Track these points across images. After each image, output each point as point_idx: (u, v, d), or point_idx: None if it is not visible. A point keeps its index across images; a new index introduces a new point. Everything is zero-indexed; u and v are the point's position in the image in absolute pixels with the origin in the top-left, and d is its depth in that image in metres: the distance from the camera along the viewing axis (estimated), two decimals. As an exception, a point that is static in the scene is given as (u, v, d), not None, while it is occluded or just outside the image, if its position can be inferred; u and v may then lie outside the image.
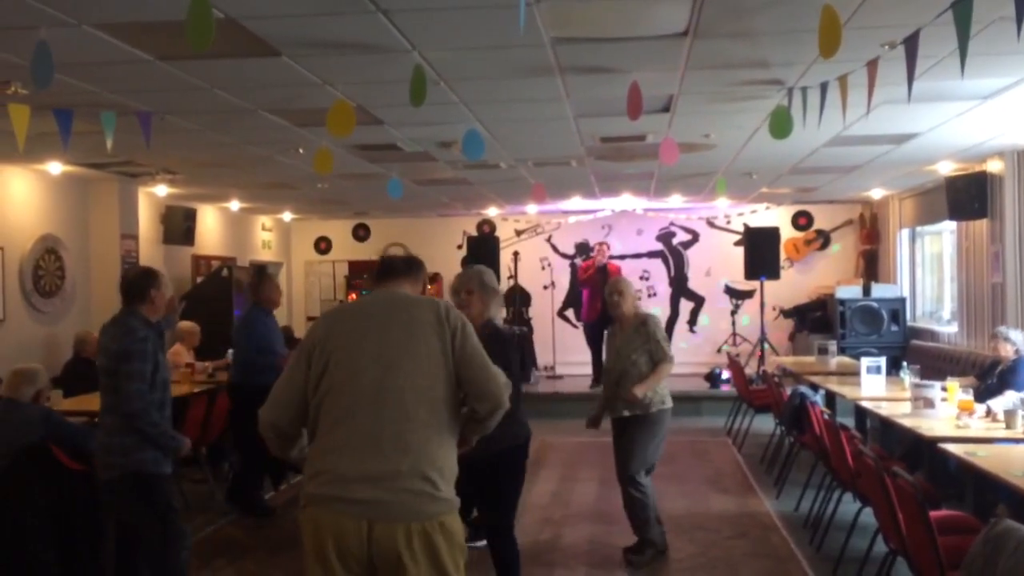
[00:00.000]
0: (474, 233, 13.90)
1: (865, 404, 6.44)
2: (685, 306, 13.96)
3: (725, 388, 11.40)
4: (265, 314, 6.98)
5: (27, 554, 4.52)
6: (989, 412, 5.42)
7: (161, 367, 4.26)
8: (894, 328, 11.19)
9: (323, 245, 14.98)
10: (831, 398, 7.94)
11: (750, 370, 11.29)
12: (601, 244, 12.02)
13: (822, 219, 13.72)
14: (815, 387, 7.65)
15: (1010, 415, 5.11)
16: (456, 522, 2.78)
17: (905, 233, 11.99)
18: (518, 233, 14.23)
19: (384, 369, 2.76)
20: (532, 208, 13.39)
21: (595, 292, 11.57)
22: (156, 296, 4.30)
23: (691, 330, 13.84)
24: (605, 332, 6.00)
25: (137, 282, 4.30)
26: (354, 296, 14.09)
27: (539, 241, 14.24)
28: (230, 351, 9.20)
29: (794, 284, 13.38)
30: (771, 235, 12.28)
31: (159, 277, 4.37)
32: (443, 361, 2.79)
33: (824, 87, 5.15)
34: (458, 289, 4.32)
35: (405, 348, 2.78)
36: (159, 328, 4.40)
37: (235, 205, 12.07)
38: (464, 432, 2.93)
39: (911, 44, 4.05)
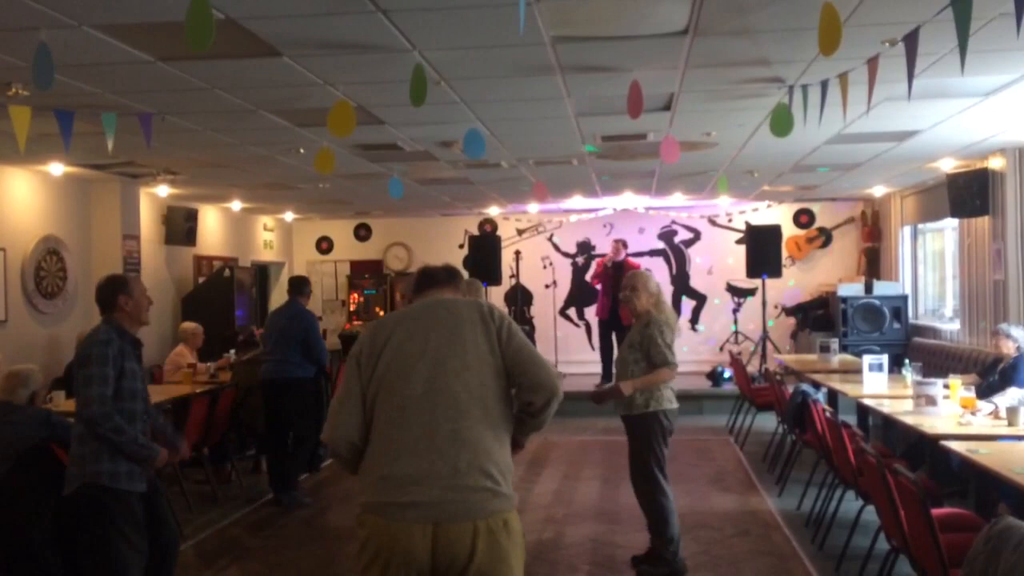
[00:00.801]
0: (476, 232, 13.90)
1: (867, 402, 6.44)
2: (687, 304, 13.96)
3: (727, 386, 11.40)
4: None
5: (30, 555, 4.53)
6: (996, 409, 5.40)
7: (128, 376, 3.95)
8: (896, 326, 11.18)
9: (324, 245, 14.98)
10: (833, 396, 7.93)
11: (752, 368, 11.29)
12: (617, 242, 11.96)
13: (824, 217, 13.72)
14: (817, 385, 7.65)
15: (1012, 412, 5.10)
16: (518, 521, 2.75)
17: (907, 230, 11.98)
18: (520, 232, 14.23)
19: (433, 369, 2.76)
20: (533, 207, 13.39)
21: (607, 290, 11.58)
22: (126, 302, 4.06)
23: (693, 328, 13.84)
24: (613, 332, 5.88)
25: (104, 291, 4.10)
26: (356, 295, 14.11)
27: (541, 240, 14.24)
28: (232, 351, 9.25)
29: (796, 282, 13.38)
30: (773, 233, 12.28)
31: (128, 283, 4.14)
32: (491, 358, 2.79)
33: (825, 85, 5.15)
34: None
35: (452, 348, 2.79)
36: (131, 337, 4.09)
37: (236, 205, 12.08)
38: (519, 430, 2.90)
39: (911, 41, 4.05)
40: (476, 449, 2.68)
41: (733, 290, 13.77)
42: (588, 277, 12.30)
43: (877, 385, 6.78)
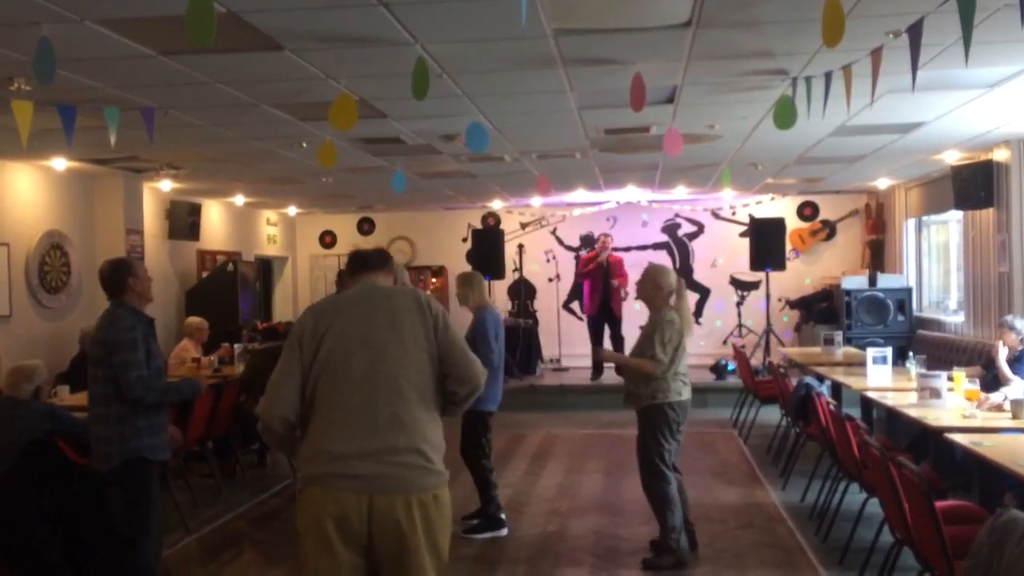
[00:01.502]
0: (479, 226, 13.89)
1: (871, 394, 6.42)
2: (691, 298, 13.89)
3: (731, 380, 11.39)
4: None
5: (35, 548, 4.54)
6: (1006, 399, 5.37)
7: (153, 355, 4.28)
8: (900, 318, 11.17)
9: (328, 239, 14.98)
10: (837, 389, 7.92)
11: (756, 361, 11.28)
12: (605, 236, 11.97)
13: (828, 209, 13.69)
14: (821, 378, 7.64)
15: (1017, 405, 5.08)
16: (448, 496, 2.93)
17: (911, 223, 11.95)
18: (523, 226, 14.22)
19: (374, 354, 2.90)
20: (537, 201, 13.38)
21: (595, 286, 11.57)
22: (135, 283, 4.31)
23: (697, 322, 13.82)
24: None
25: (112, 276, 4.34)
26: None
27: (544, 234, 14.22)
28: (237, 345, 9.26)
29: (800, 275, 13.36)
30: (777, 226, 12.26)
31: (132, 264, 4.44)
32: (427, 345, 2.95)
33: (828, 77, 5.13)
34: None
35: (391, 335, 2.93)
36: (146, 317, 4.38)
37: (240, 200, 12.08)
38: (440, 414, 3.05)
39: (915, 32, 4.03)
40: (413, 430, 2.86)
41: (737, 283, 13.75)
42: (575, 274, 12.26)
43: (881, 378, 6.77)
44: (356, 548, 2.80)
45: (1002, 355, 6.36)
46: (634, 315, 11.59)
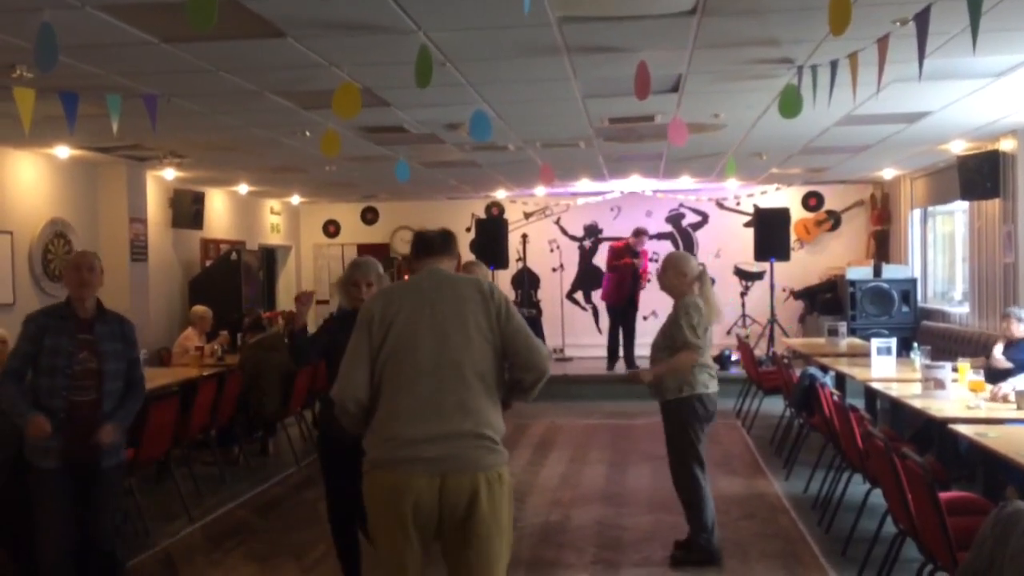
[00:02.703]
0: (483, 216, 13.87)
1: (875, 385, 6.41)
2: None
3: (734, 370, 11.37)
4: None
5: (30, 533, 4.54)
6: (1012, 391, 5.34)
7: (47, 351, 4.03)
8: (905, 309, 11.14)
9: (332, 228, 14.97)
10: (841, 380, 7.91)
11: (760, 352, 11.26)
12: (641, 233, 11.93)
13: (833, 200, 13.64)
14: (825, 369, 7.62)
15: (1021, 396, 5.06)
16: (508, 474, 3.06)
17: (916, 213, 11.91)
18: (527, 215, 14.20)
19: (439, 343, 3.01)
20: (540, 190, 13.35)
21: (623, 280, 11.56)
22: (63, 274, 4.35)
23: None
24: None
25: None
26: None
27: (548, 223, 14.20)
28: (226, 332, 9.27)
29: (805, 265, 13.32)
30: (781, 216, 12.22)
31: (72, 260, 4.31)
32: (490, 335, 3.05)
33: (834, 65, 5.09)
34: (359, 281, 4.30)
35: (456, 324, 3.03)
36: (65, 314, 4.14)
37: (243, 189, 12.07)
38: (508, 396, 3.18)
39: (922, 20, 3.99)
40: (478, 417, 2.98)
41: (741, 274, 13.72)
42: (606, 264, 12.25)
43: (885, 369, 6.76)
44: (428, 529, 2.94)
45: (999, 346, 6.35)
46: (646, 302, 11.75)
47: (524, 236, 13.79)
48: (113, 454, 4.19)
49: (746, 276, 13.67)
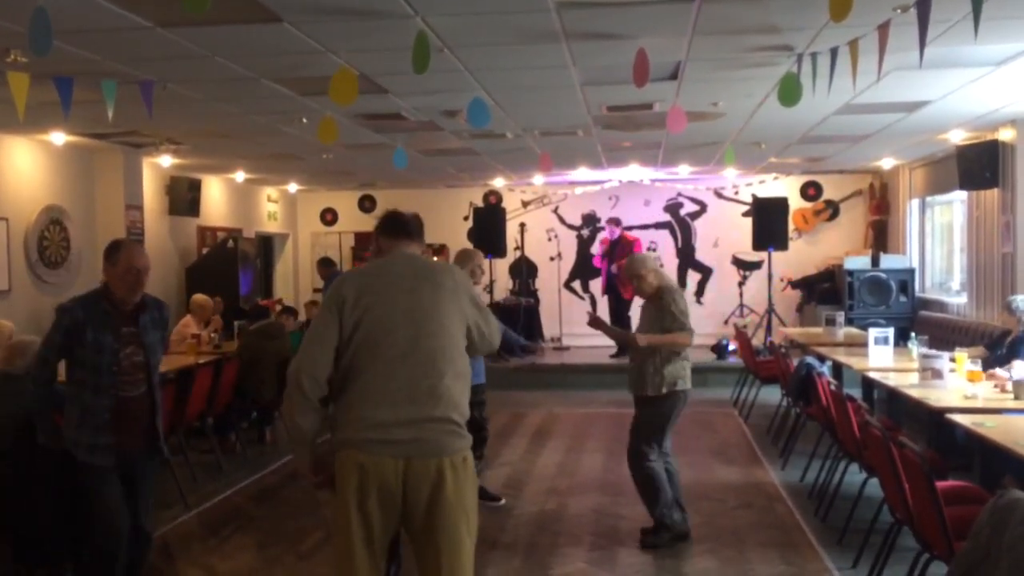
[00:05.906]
0: (480, 204, 13.83)
1: (873, 375, 6.40)
2: (692, 277, 13.91)
3: (731, 359, 11.38)
4: None
5: (34, 522, 4.54)
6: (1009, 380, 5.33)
7: (89, 347, 3.85)
8: (903, 299, 11.13)
9: (329, 216, 14.94)
10: (838, 369, 7.90)
11: (757, 341, 11.26)
12: (611, 222, 11.99)
13: (831, 189, 13.62)
14: (822, 358, 7.61)
15: (1019, 385, 5.06)
16: (472, 457, 3.13)
17: (915, 203, 11.89)
18: (524, 204, 14.17)
19: (416, 328, 3.05)
20: (539, 179, 13.32)
21: (607, 267, 11.59)
22: (106, 269, 3.97)
23: (698, 301, 13.79)
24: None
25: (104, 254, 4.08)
26: (360, 267, 14.08)
27: (545, 212, 14.17)
28: (234, 323, 9.25)
29: (803, 255, 13.31)
30: (779, 205, 12.20)
31: (112, 251, 3.97)
32: (461, 323, 3.15)
33: (834, 53, 5.06)
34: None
35: (433, 311, 3.09)
36: (106, 307, 3.93)
37: (240, 176, 12.03)
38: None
39: (923, 7, 3.96)
40: (447, 402, 3.04)
41: (739, 263, 13.71)
42: (595, 255, 12.37)
43: (882, 358, 6.75)
44: (391, 510, 2.97)
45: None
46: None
47: (522, 225, 13.76)
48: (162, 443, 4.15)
49: (744, 266, 13.65)
